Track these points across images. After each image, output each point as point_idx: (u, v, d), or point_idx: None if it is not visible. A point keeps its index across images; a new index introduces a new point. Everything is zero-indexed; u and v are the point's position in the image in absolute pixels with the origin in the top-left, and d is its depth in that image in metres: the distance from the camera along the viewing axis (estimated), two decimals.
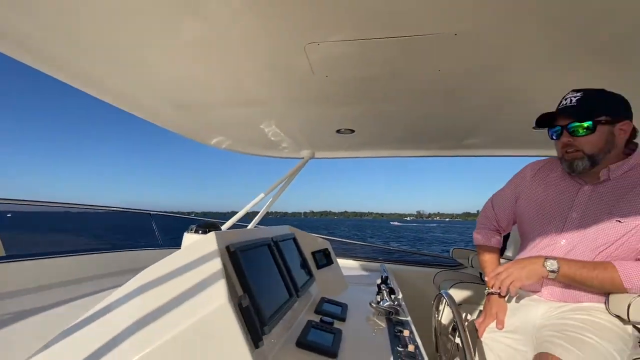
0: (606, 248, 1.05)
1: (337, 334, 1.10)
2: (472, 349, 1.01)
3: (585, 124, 1.07)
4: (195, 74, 1.51)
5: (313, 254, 1.76)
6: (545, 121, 1.16)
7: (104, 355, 0.59)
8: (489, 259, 1.25)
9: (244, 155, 2.93)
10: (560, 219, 1.15)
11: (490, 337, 1.18)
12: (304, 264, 1.58)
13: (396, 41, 1.22)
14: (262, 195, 2.68)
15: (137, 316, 0.65)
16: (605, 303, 1.05)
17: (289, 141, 2.60)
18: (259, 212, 2.78)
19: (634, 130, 1.11)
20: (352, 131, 2.31)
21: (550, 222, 1.17)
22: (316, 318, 1.21)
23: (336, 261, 1.91)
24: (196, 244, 0.86)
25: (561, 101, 1.13)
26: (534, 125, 2.16)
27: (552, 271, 1.04)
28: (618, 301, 1.00)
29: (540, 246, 1.17)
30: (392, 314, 1.41)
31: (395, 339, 1.15)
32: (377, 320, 1.35)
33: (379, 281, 1.69)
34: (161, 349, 0.57)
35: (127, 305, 0.74)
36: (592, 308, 1.06)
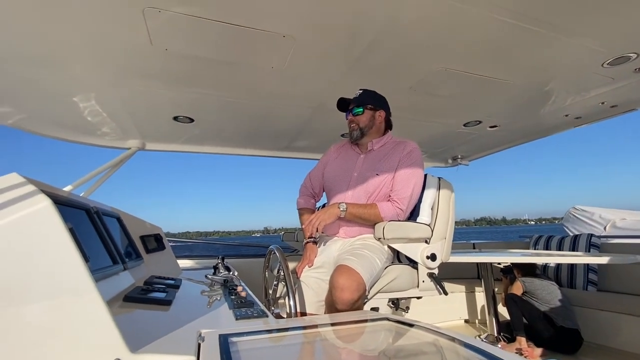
0: (372, 194, 1.57)
1: (171, 292, 1.10)
2: (293, 286, 1.24)
3: (360, 108, 1.64)
4: None
5: (142, 237, 1.62)
6: (343, 107, 1.71)
7: None
8: (307, 216, 1.58)
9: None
10: (347, 178, 1.64)
11: (305, 275, 1.50)
12: (131, 245, 1.45)
13: (236, 28, 1.37)
14: (69, 187, 2.21)
15: None
16: (373, 233, 1.54)
17: (113, 126, 2.28)
18: None
19: (389, 120, 1.74)
20: (192, 120, 2.27)
21: (342, 180, 1.65)
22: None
23: (169, 247, 1.82)
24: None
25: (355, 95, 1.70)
26: (342, 133, 2.76)
27: (343, 210, 1.48)
28: (378, 228, 1.50)
29: (337, 198, 1.63)
30: (228, 282, 1.49)
31: (230, 293, 1.25)
32: (213, 287, 1.40)
33: (216, 263, 1.74)
34: None
35: None
36: (366, 237, 1.55)
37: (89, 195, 2.26)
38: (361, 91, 1.67)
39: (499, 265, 2.94)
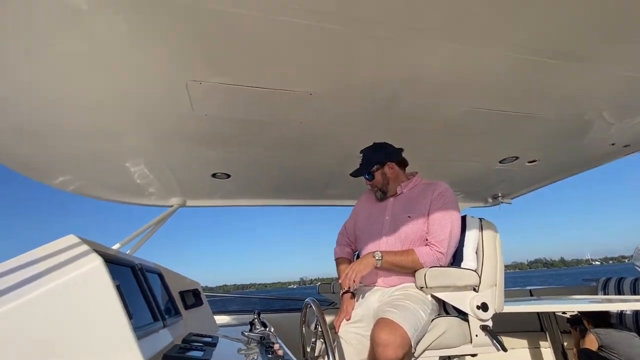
0: (406, 238, 1.51)
1: (208, 351, 1.07)
2: (332, 343, 1.16)
3: (369, 175, 1.67)
4: (48, 90, 1.36)
5: (181, 293, 1.65)
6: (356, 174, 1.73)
7: None
8: (344, 267, 1.53)
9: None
10: (379, 222, 1.60)
11: (344, 330, 1.41)
12: (171, 301, 1.47)
13: (268, 92, 1.50)
14: (117, 245, 2.35)
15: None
16: (414, 282, 1.44)
17: (158, 186, 2.46)
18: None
19: (402, 163, 1.73)
20: (228, 176, 2.41)
21: (374, 226, 1.61)
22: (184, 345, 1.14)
23: (206, 302, 1.82)
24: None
25: None
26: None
27: (379, 259, 1.42)
28: (419, 275, 1.41)
29: (371, 246, 1.57)
30: (264, 339, 1.44)
31: (267, 351, 1.19)
32: (249, 345, 1.35)
33: (252, 318, 1.70)
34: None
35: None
36: (407, 287, 1.45)
37: (134, 252, 2.37)
38: (362, 155, 1.71)
39: (564, 315, 2.59)
